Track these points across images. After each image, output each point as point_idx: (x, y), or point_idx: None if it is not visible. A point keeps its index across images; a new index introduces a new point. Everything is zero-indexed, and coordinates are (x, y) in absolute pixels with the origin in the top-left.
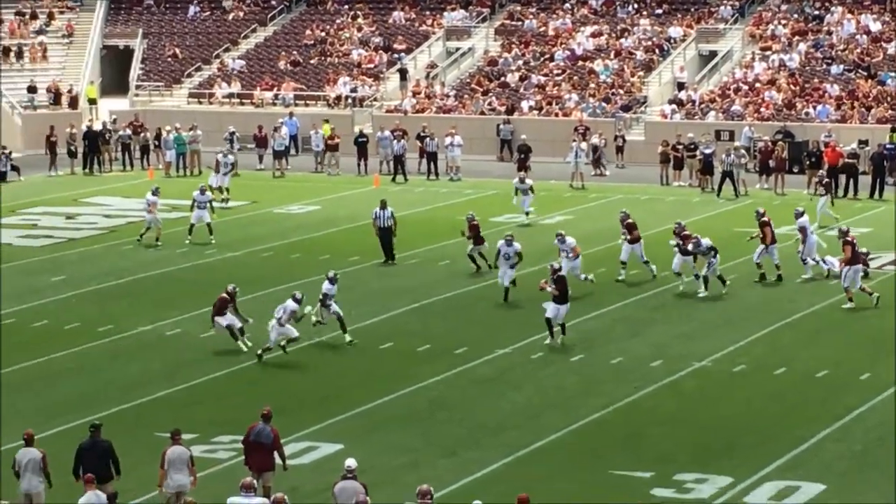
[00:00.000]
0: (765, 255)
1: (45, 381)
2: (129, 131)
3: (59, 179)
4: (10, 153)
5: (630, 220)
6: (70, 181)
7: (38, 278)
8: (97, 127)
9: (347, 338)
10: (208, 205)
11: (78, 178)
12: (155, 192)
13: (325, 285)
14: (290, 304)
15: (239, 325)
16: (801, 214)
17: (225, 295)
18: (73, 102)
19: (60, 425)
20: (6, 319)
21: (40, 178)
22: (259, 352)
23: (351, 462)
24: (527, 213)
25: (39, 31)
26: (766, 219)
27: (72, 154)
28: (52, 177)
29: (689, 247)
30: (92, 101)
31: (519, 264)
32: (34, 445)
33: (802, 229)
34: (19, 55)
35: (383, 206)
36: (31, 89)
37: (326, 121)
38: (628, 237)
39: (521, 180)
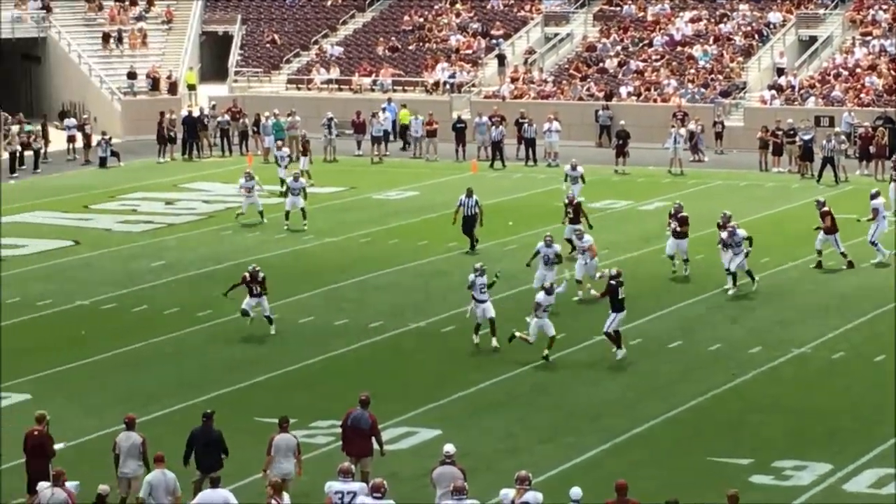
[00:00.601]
0: (827, 243)
1: (143, 365)
2: (227, 117)
3: (158, 165)
4: (111, 139)
5: (683, 214)
6: (169, 167)
7: (137, 263)
8: (196, 113)
9: (495, 342)
10: (302, 191)
11: (177, 163)
12: (249, 178)
13: (473, 276)
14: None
15: (253, 315)
16: (876, 196)
17: (245, 275)
18: (173, 88)
19: (159, 410)
20: (106, 304)
21: (139, 164)
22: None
23: (449, 447)
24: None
25: (139, 18)
26: (826, 208)
27: (171, 140)
28: (161, 163)
29: (724, 235)
30: (191, 87)
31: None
32: (135, 430)
33: (875, 210)
34: (119, 41)
35: (469, 193)
36: (131, 75)
37: (404, 106)
38: (678, 229)
39: (573, 167)
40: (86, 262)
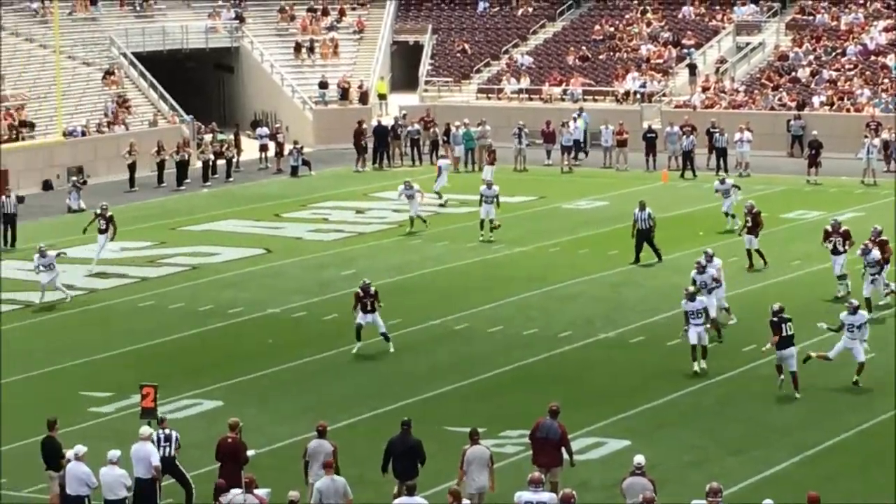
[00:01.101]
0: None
1: (333, 373)
2: (417, 126)
3: (348, 174)
4: (302, 148)
5: (756, 210)
6: (360, 176)
7: (327, 272)
8: (387, 122)
9: (703, 364)
10: (494, 199)
11: (368, 172)
12: (409, 186)
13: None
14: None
15: (371, 326)
16: None
17: (358, 290)
18: (364, 98)
19: (348, 418)
20: (297, 312)
21: (330, 173)
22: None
23: (639, 458)
24: (727, 215)
25: (331, 28)
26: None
27: (361, 149)
28: (358, 172)
29: (857, 252)
30: (382, 97)
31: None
32: (326, 438)
33: None
34: (311, 51)
35: (642, 206)
36: (323, 85)
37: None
38: (749, 225)
39: (722, 181)
40: (277, 270)
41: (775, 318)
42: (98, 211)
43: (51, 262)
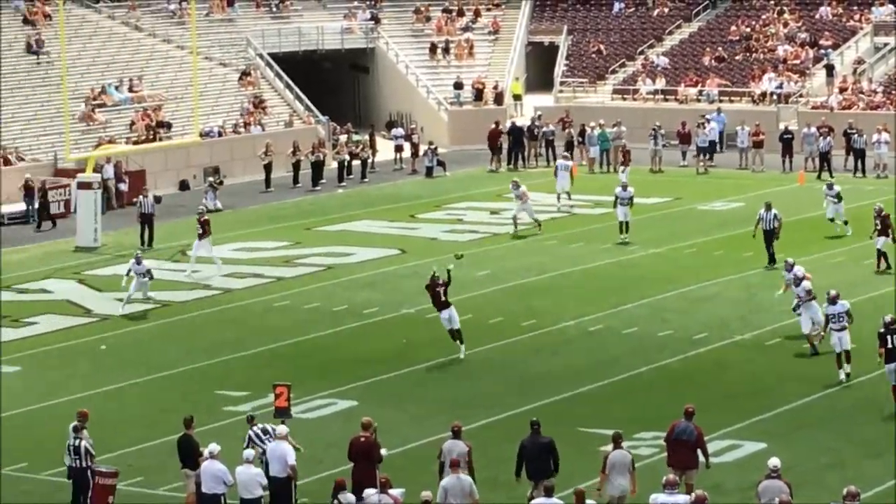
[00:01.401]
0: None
1: (467, 374)
2: (552, 127)
3: (482, 175)
4: (437, 149)
5: (885, 214)
6: (494, 177)
7: (463, 273)
8: (521, 123)
9: (847, 369)
10: (629, 201)
11: (502, 173)
12: (516, 186)
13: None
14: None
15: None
16: None
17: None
18: (499, 99)
19: (483, 418)
20: (430, 314)
21: (464, 174)
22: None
23: (775, 461)
24: (832, 221)
25: (466, 28)
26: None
27: (496, 150)
28: (493, 173)
29: None
30: (517, 98)
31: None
32: (461, 438)
33: None
34: (446, 52)
35: (768, 207)
36: (458, 86)
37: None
38: (879, 228)
39: (829, 186)
40: (412, 270)
41: (882, 330)
42: (196, 216)
43: (144, 270)
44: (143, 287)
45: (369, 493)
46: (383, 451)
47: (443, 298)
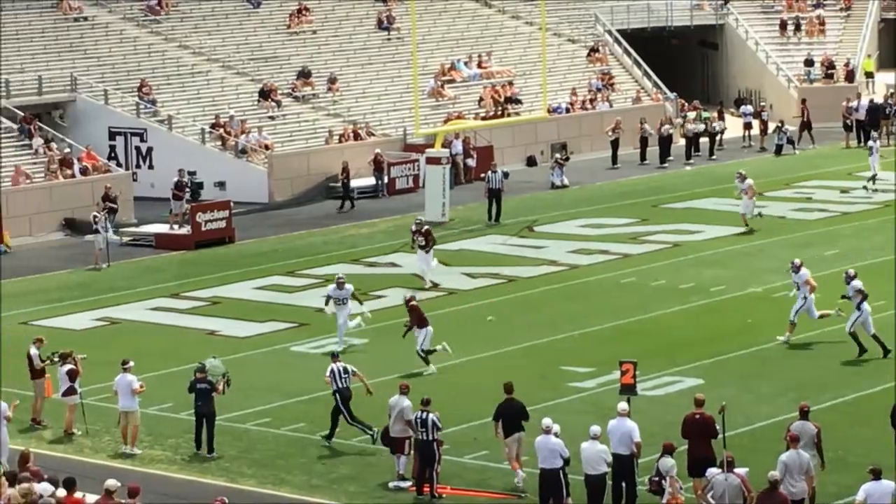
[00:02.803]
0: None
1: (813, 354)
2: None
3: (834, 153)
4: (786, 127)
5: None
6: (845, 155)
7: (810, 251)
8: (877, 101)
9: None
10: None
11: (853, 151)
12: (741, 177)
13: None
14: None
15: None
16: None
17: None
18: (850, 76)
19: (830, 399)
20: (777, 292)
21: (814, 152)
22: None
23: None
24: None
25: (817, 5)
26: None
27: (847, 128)
28: (847, 150)
29: None
30: (868, 75)
31: None
32: (809, 419)
33: None
34: (797, 29)
35: None
36: (808, 63)
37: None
38: None
39: None
40: (759, 248)
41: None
42: (413, 227)
43: (345, 297)
44: (341, 315)
45: (713, 472)
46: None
47: (424, 315)
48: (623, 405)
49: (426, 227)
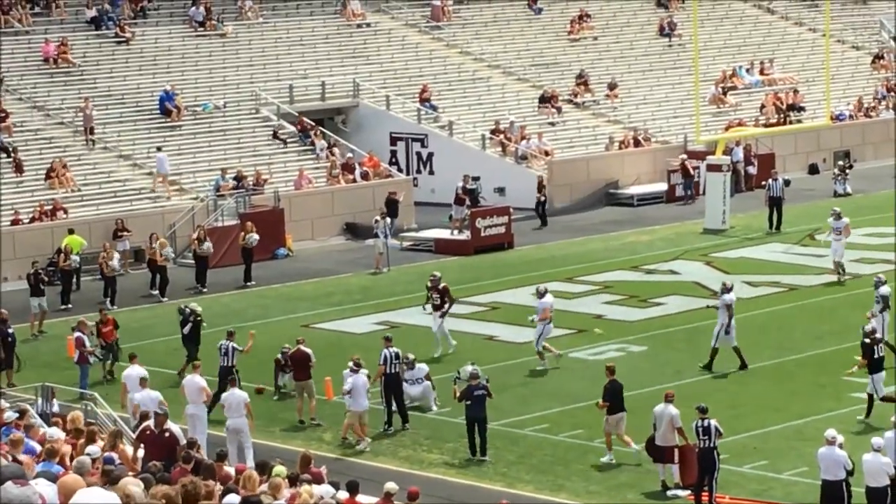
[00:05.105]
0: None
1: None
2: None
3: None
4: None
5: None
6: None
7: None
8: None
9: None
10: None
11: None
12: (836, 216)
13: None
14: None
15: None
16: None
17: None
18: None
19: None
20: None
21: None
22: None
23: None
24: None
25: None
26: None
27: None
28: None
29: None
30: None
31: None
32: None
33: None
34: None
35: None
36: None
37: None
38: None
39: None
40: None
41: (868, 340)
42: (429, 284)
43: (420, 377)
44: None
45: None
46: None
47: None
48: (831, 432)
49: (443, 284)
